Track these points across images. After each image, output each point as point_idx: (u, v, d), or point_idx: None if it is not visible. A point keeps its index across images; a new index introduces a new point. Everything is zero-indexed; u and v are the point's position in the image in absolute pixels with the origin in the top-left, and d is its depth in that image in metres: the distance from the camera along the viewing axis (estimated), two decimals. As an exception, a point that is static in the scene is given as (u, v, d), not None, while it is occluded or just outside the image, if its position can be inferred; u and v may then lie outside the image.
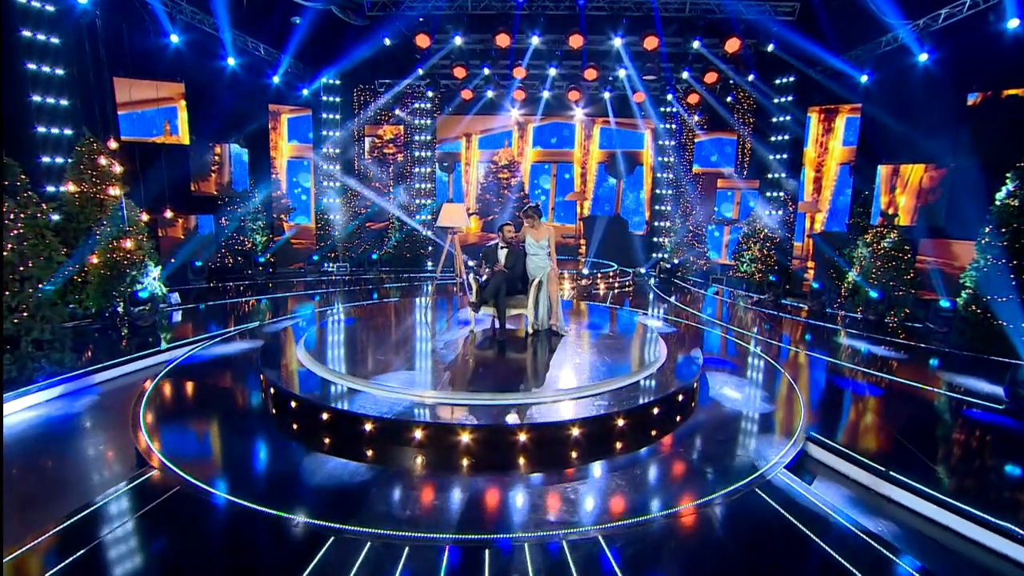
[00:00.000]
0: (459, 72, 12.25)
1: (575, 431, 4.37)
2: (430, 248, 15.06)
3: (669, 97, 13.46)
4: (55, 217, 8.15)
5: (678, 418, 5.04)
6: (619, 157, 15.30)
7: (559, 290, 6.68)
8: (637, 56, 11.86)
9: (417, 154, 15.29)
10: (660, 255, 14.54)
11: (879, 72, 10.62)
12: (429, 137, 15.30)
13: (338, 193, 14.16)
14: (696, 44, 11.29)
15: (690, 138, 14.68)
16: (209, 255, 11.48)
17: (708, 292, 12.40)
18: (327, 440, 4.47)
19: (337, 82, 13.78)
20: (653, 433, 4.74)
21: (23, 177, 7.33)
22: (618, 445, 4.52)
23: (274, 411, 4.97)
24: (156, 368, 6.04)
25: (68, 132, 8.44)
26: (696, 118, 14.37)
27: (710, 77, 11.92)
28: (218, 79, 11.08)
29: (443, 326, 7.09)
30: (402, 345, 6.36)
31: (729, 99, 13.15)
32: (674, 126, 14.47)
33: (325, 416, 4.56)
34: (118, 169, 7.85)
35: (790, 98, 12.33)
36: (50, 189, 8.32)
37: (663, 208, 14.72)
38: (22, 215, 7.29)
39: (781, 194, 12.71)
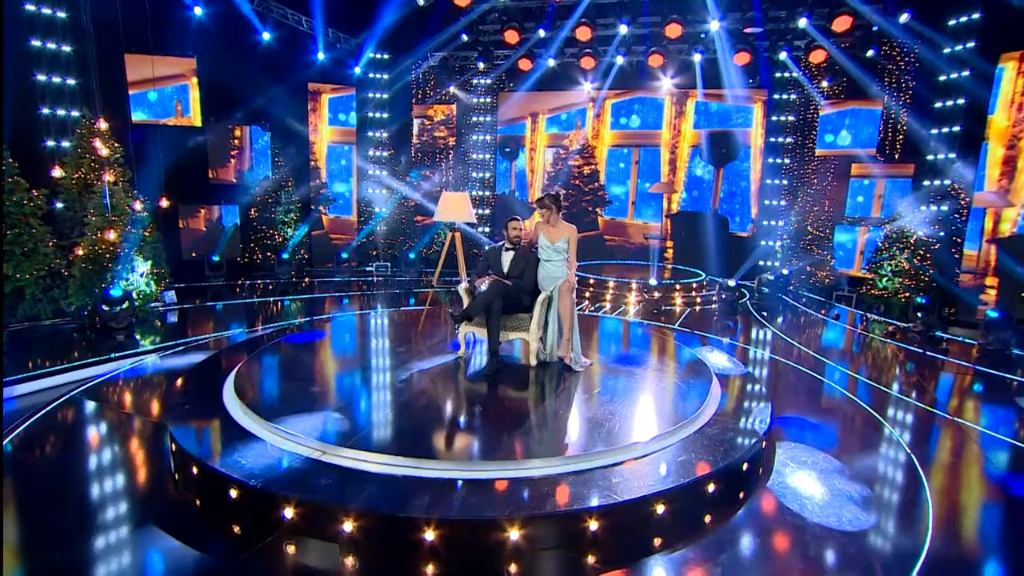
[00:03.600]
0: (511, 36, 11.22)
1: (512, 533, 3.08)
2: (487, 247, 14.27)
3: (783, 56, 11.24)
4: (59, 205, 8.42)
5: (707, 519, 3.52)
6: (718, 138, 13.28)
7: (575, 308, 5.35)
8: (735, 2, 9.95)
9: (473, 137, 14.52)
10: (767, 263, 12.30)
11: None
12: (487, 118, 14.44)
13: (380, 184, 13.79)
14: (819, -22, 9.17)
15: (813, 111, 12.26)
16: (232, 249, 11.56)
17: (840, 316, 10.05)
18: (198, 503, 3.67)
19: (385, 56, 13.42)
20: (657, 543, 3.31)
21: (10, 160, 7.53)
22: (591, 559, 3.16)
23: (171, 454, 4.27)
24: (88, 380, 5.68)
25: (75, 113, 8.68)
26: (824, 84, 11.95)
27: (841, 23, 9.65)
28: (246, 54, 11.09)
29: (427, 348, 6.07)
30: (359, 372, 5.47)
31: (870, 54, 10.63)
32: (793, 96, 12.16)
33: (195, 471, 3.73)
34: (104, 152, 7.85)
35: (970, 44, 9.57)
36: (55, 174, 8.58)
37: (774, 203, 12.46)
38: (8, 202, 7.48)
39: (947, 183, 9.99)
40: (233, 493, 3.44)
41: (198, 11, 10.14)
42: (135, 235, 8.07)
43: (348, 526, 3.15)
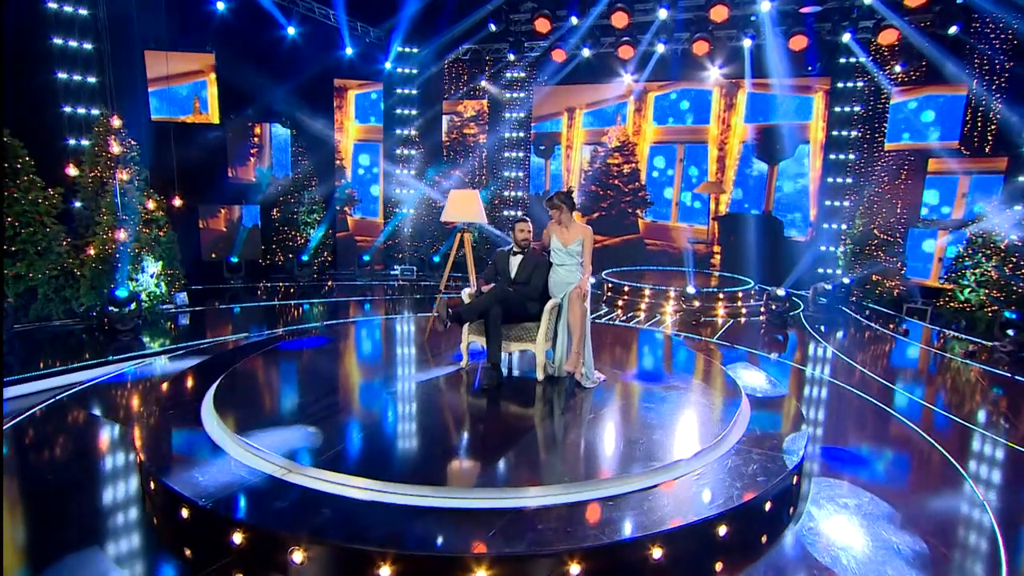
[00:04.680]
0: (542, 25, 10.97)
1: (480, 573, 2.79)
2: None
3: (846, 39, 10.50)
4: (77, 204, 8.75)
5: (718, 568, 3.13)
6: (772, 133, 12.60)
7: (586, 317, 5.02)
8: (790, -21, 9.38)
9: (505, 135, 14.35)
10: (826, 270, 11.51)
11: None
12: (520, 114, 14.24)
13: (401, 183, 13.80)
14: (887, -53, 8.49)
15: (884, 100, 11.41)
16: (253, 251, 11.77)
17: (910, 332, 9.22)
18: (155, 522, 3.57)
19: (413, 50, 13.44)
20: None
21: (26, 159, 7.85)
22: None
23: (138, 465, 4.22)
24: (78, 384, 5.76)
25: (96, 111, 9.02)
26: (897, 69, 11.11)
27: (914, -2, 8.89)
28: (269, 49, 11.30)
29: (429, 358, 5.89)
30: (349, 382, 5.35)
31: (953, 31, 9.74)
32: (859, 83, 11.37)
33: (151, 486, 3.63)
34: (116, 150, 8.08)
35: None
36: (70, 172, 8.91)
37: (836, 204, 11.68)
38: (23, 201, 7.79)
39: (1044, 180, 9.05)
40: (184, 513, 3.31)
41: (220, 6, 10.40)
42: (145, 235, 8.26)
43: (298, 556, 2.94)
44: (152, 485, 3.59)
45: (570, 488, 3.33)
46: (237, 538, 3.08)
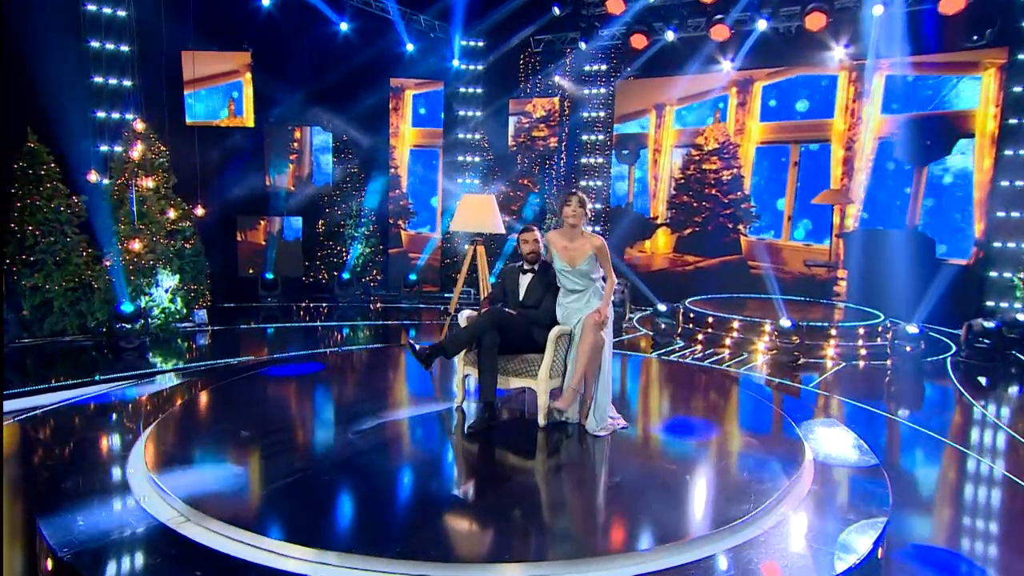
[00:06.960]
0: (614, 6, 10.58)
1: None
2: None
3: (1021, -4, 9.10)
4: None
5: None
6: (920, 126, 11.18)
7: (600, 350, 4.46)
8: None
9: (584, 137, 14.00)
10: (997, 303, 9.87)
11: None
12: (601, 113, 13.84)
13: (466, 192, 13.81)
14: None
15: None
16: (292, 267, 12.19)
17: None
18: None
19: (478, 44, 13.55)
20: None
21: (51, 165, 8.60)
22: None
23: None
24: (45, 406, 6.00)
25: (129, 116, 9.81)
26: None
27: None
28: (316, 47, 11.79)
29: (422, 392, 5.60)
30: (318, 415, 5.21)
31: None
32: (1043, 56, 9.80)
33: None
34: (136, 155, 8.65)
35: None
36: (105, 182, 9.70)
37: (1015, 215, 10.07)
38: (45, 209, 8.53)
39: None
40: (48, 564, 3.16)
41: (265, 2, 11.03)
42: (163, 246, 8.72)
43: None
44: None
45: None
46: (89, 602, 2.86)
